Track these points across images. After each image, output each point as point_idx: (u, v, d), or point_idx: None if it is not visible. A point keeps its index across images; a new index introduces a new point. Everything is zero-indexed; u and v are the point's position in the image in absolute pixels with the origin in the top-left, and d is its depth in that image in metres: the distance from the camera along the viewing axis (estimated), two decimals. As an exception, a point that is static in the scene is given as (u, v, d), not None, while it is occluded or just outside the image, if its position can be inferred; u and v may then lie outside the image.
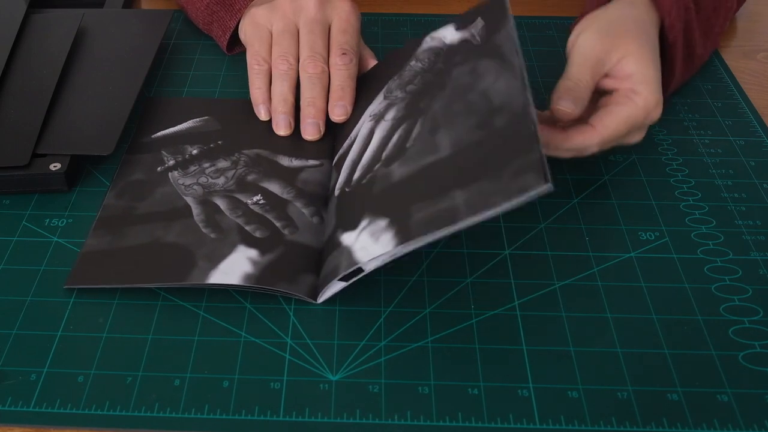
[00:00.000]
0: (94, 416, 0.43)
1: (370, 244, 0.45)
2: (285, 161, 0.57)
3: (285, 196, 0.54)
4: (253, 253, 0.50)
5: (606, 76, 0.55)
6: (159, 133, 0.61)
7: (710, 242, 0.53)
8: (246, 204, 0.54)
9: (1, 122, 0.59)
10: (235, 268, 0.49)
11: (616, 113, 0.53)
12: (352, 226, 0.48)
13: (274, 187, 0.55)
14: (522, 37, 0.74)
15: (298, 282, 0.48)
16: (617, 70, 0.54)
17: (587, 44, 0.55)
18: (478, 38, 0.54)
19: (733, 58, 0.72)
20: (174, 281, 0.49)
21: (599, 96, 0.55)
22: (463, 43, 0.55)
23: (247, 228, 0.52)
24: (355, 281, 0.47)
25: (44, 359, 0.46)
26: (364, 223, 0.47)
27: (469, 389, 0.44)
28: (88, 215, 0.55)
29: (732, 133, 0.63)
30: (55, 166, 0.56)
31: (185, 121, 0.62)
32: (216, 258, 0.50)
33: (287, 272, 0.49)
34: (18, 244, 0.53)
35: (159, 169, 0.57)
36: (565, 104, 0.52)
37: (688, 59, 0.62)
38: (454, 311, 0.49)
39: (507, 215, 0.55)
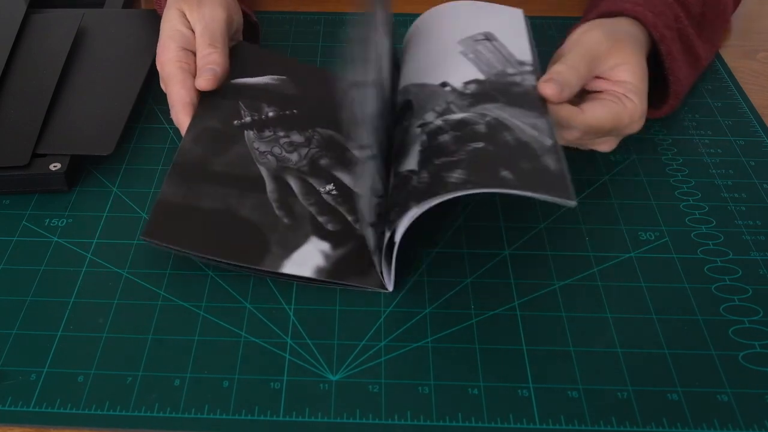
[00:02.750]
0: (94, 416, 0.43)
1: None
2: (356, 150, 0.57)
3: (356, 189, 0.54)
4: (325, 246, 0.51)
5: (598, 77, 0.55)
6: (238, 80, 0.60)
7: (710, 242, 0.53)
8: (319, 192, 0.54)
9: (1, 122, 0.59)
10: (307, 259, 0.49)
11: (606, 106, 0.54)
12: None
13: (346, 179, 0.55)
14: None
15: (369, 275, 0.49)
16: (612, 74, 0.55)
17: (593, 40, 0.55)
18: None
19: (733, 58, 0.72)
20: (248, 263, 0.49)
21: (584, 94, 0.56)
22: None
23: (320, 219, 0.52)
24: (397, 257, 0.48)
25: (44, 359, 0.46)
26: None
27: (469, 389, 0.44)
28: (88, 215, 0.55)
29: (732, 133, 0.63)
30: (55, 166, 0.56)
31: (262, 75, 0.62)
32: (289, 247, 0.50)
33: (359, 266, 0.50)
34: (18, 244, 0.53)
35: (236, 122, 0.57)
36: (549, 88, 0.51)
37: (694, 64, 0.63)
38: (454, 311, 0.49)
39: (507, 215, 0.55)
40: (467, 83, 0.53)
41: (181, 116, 0.57)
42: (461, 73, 0.54)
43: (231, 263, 0.49)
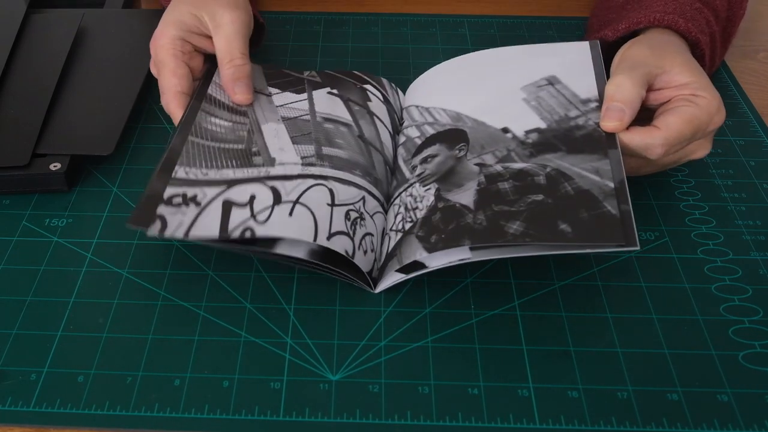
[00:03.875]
0: (94, 416, 0.43)
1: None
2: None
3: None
4: None
5: (659, 89, 0.53)
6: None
7: (710, 242, 0.53)
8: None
9: (1, 122, 0.59)
10: (302, 241, 0.48)
11: (679, 112, 0.51)
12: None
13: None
14: (522, 38, 0.74)
15: (358, 268, 0.48)
16: (671, 81, 0.52)
17: (638, 53, 0.54)
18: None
19: (733, 58, 0.72)
20: (240, 242, 0.47)
21: (651, 113, 0.53)
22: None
23: None
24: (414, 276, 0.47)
25: (44, 359, 0.46)
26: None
27: (469, 389, 0.44)
28: (88, 215, 0.55)
29: (732, 133, 0.63)
30: (55, 166, 0.56)
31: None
32: None
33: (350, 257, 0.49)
34: (18, 244, 0.53)
35: None
36: (610, 123, 0.50)
37: (712, 69, 0.63)
38: (454, 311, 0.49)
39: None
40: (528, 132, 0.53)
41: (172, 105, 0.56)
42: (523, 121, 0.54)
43: (219, 241, 0.47)
